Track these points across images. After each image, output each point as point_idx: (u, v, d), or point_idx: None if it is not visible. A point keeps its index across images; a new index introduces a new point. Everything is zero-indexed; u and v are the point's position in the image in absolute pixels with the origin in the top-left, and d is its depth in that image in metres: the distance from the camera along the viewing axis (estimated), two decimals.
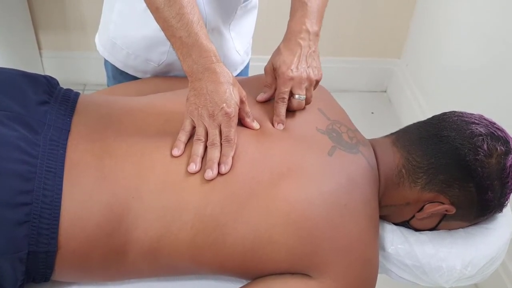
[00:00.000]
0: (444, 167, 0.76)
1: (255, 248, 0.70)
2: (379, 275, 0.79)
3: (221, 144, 0.73)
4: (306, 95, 0.83)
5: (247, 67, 1.18)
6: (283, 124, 0.80)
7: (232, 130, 0.73)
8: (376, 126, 0.93)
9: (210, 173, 0.70)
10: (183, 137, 0.74)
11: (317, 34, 0.84)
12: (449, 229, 0.84)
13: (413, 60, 2.23)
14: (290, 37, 0.84)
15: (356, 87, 2.40)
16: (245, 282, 0.76)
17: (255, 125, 0.79)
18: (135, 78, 1.07)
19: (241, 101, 0.76)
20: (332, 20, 2.17)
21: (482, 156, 0.75)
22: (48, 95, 0.78)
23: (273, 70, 0.84)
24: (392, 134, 0.87)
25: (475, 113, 0.82)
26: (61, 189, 0.67)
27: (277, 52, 0.84)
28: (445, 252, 0.80)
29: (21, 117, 0.71)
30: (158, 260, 0.71)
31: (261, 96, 0.85)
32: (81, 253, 0.68)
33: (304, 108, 0.84)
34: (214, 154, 0.72)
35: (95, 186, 0.69)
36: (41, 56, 2.18)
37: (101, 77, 1.40)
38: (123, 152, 0.72)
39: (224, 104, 0.72)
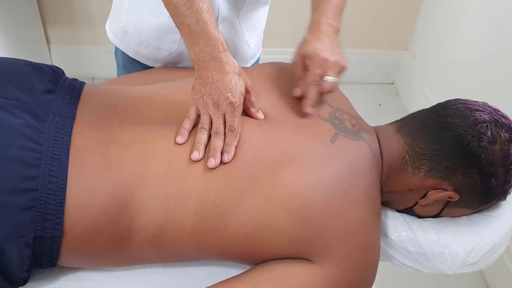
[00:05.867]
0: (447, 154, 0.76)
1: (257, 234, 0.71)
2: (382, 262, 0.79)
3: (224, 133, 0.73)
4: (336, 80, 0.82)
5: (257, 61, 1.19)
6: (313, 108, 0.80)
7: (236, 120, 0.73)
8: (384, 118, 0.93)
9: (212, 162, 0.71)
10: (187, 125, 0.75)
11: (338, 30, 0.86)
12: (453, 216, 0.84)
13: (420, 52, 2.21)
14: (316, 29, 0.85)
15: (363, 79, 2.39)
16: (247, 267, 0.76)
17: (260, 115, 0.80)
18: (145, 67, 1.07)
19: (247, 91, 0.76)
20: None
21: (485, 143, 0.74)
22: (53, 84, 0.79)
23: (302, 61, 0.83)
24: (396, 121, 0.87)
25: (479, 101, 0.82)
26: (66, 176, 0.68)
27: (305, 42, 0.84)
28: (448, 239, 0.79)
29: (27, 105, 0.72)
30: (162, 246, 0.72)
31: (297, 92, 0.83)
32: (86, 239, 0.69)
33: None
34: (217, 143, 0.72)
35: (100, 173, 0.69)
36: (49, 50, 2.20)
37: (109, 70, 1.41)
38: (127, 139, 0.73)
39: (229, 94, 0.73)
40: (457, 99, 0.83)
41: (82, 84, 0.84)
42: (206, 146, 0.73)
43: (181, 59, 1.05)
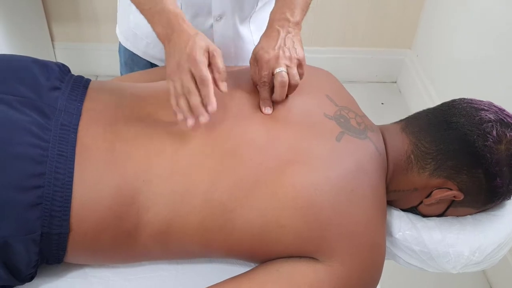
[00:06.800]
0: (452, 153, 0.76)
1: (263, 232, 0.71)
2: (386, 261, 0.79)
3: (198, 89, 0.71)
4: (287, 70, 0.79)
5: None
6: (270, 107, 0.80)
7: (203, 69, 0.70)
8: (386, 116, 0.94)
9: (202, 119, 0.70)
10: (173, 100, 0.73)
11: (297, 24, 0.84)
12: (457, 216, 0.84)
13: (423, 50, 2.21)
14: (269, 26, 0.85)
15: (366, 77, 2.39)
16: (253, 265, 0.76)
17: (223, 86, 0.74)
18: (147, 64, 1.09)
19: (209, 53, 0.73)
20: (342, 10, 2.16)
21: (491, 142, 0.74)
22: (59, 81, 0.79)
23: (255, 60, 0.83)
24: (401, 120, 0.87)
25: (484, 100, 0.82)
26: (72, 172, 0.68)
27: (258, 41, 0.84)
28: (453, 238, 0.80)
29: (33, 102, 0.73)
30: (168, 243, 0.72)
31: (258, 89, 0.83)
32: (93, 235, 0.69)
33: (296, 94, 0.83)
34: (195, 100, 0.70)
35: (106, 170, 0.70)
36: (54, 48, 2.21)
37: (113, 68, 1.41)
38: (133, 136, 0.73)
39: (187, 49, 0.71)
40: (462, 98, 0.83)
41: (88, 81, 0.84)
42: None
43: None
